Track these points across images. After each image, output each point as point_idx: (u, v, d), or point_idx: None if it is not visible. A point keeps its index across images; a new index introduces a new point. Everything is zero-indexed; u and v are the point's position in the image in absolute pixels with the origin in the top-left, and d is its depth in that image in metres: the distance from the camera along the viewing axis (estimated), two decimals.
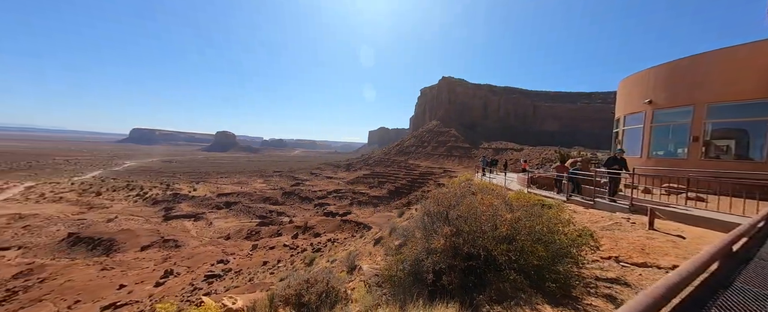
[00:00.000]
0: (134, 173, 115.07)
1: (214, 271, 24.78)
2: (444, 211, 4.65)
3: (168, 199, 69.60)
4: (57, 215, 52.54)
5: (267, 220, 55.61)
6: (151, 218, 55.40)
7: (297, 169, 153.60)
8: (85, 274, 27.62)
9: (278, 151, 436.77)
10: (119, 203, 66.19)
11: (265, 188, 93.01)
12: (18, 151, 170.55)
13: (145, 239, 39.30)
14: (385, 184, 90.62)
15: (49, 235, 42.04)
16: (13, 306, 22.20)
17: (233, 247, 37.41)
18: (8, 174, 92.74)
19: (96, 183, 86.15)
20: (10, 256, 34.45)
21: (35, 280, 26.47)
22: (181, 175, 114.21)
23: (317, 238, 37.46)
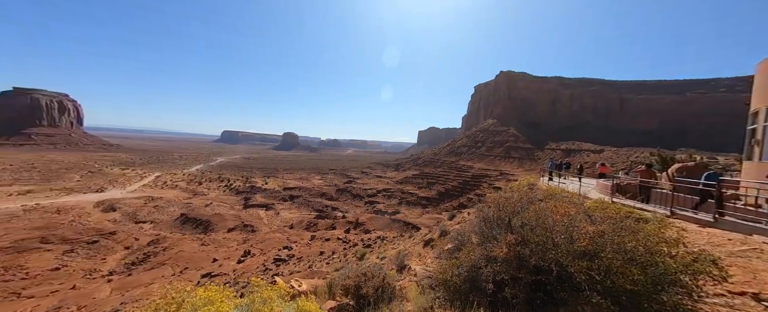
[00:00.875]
0: (223, 168, 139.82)
1: (281, 255, 28.24)
2: (506, 218, 4.26)
3: (247, 190, 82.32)
4: (174, 199, 67.71)
5: (323, 214, 60.51)
6: (235, 206, 66.39)
7: (349, 167, 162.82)
8: (191, 247, 34.89)
9: (333, 151, 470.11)
10: (213, 192, 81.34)
11: (321, 184, 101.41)
12: (150, 149, 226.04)
13: (231, 223, 47.36)
14: (435, 186, 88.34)
15: (169, 214, 54.48)
16: (148, 265, 29.60)
17: (295, 235, 41.94)
18: (145, 166, 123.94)
19: (198, 175, 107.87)
20: (146, 228, 46.00)
21: (160, 248, 34.70)
22: (256, 170, 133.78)
23: (367, 234, 38.98)
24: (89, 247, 34.51)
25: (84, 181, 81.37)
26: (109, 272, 29.11)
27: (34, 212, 47.62)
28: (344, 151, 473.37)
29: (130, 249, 35.76)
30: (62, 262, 30.01)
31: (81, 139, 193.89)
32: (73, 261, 30.84)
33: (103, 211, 53.67)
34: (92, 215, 50.63)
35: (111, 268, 30.45)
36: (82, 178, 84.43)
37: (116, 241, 37.47)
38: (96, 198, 62.24)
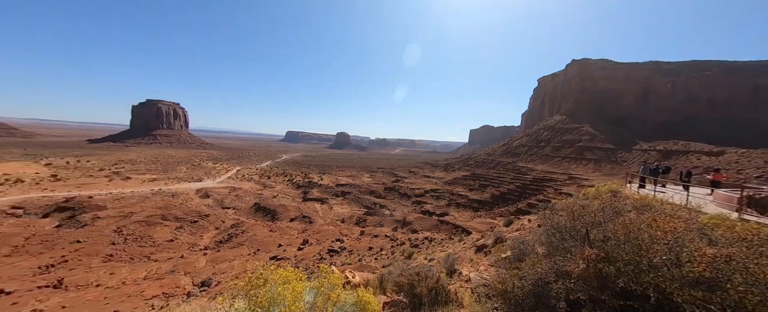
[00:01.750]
0: (287, 164, 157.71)
1: (334, 247, 30.39)
2: (582, 228, 3.69)
3: (305, 185, 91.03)
4: (249, 190, 79.50)
5: (372, 211, 62.64)
6: (296, 198, 74.17)
7: (397, 166, 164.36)
8: (262, 232, 40.45)
9: (381, 150, 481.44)
10: (279, 185, 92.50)
11: (370, 182, 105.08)
12: (232, 147, 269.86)
13: (292, 213, 53.13)
14: (488, 188, 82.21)
15: (246, 203, 64.21)
16: (231, 244, 35.51)
17: (346, 230, 44.51)
18: (229, 161, 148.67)
19: (267, 170, 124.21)
20: (230, 213, 55.14)
21: (240, 230, 41.19)
22: (313, 167, 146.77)
23: (414, 234, 38.77)
24: (192, 225, 43.28)
25: (189, 172, 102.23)
26: (204, 247, 35.97)
27: (157, 195, 62.07)
28: (392, 150, 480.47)
29: (218, 229, 43.50)
30: (175, 236, 38.38)
31: (187, 139, 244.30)
32: (181, 235, 39.15)
33: (201, 197, 66.47)
34: (193, 200, 63.26)
35: (206, 243, 37.58)
36: (188, 170, 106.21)
37: (209, 222, 46.04)
38: (196, 186, 77.50)
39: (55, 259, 27.71)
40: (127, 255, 30.62)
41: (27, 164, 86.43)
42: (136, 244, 34.03)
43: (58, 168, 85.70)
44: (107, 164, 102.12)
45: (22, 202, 47.83)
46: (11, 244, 30.10)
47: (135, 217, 42.36)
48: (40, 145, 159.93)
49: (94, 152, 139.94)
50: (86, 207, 45.08)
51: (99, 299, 19.35)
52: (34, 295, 20.08)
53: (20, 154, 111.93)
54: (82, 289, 21.54)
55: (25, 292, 20.51)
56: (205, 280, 22.16)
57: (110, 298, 19.54)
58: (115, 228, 37.46)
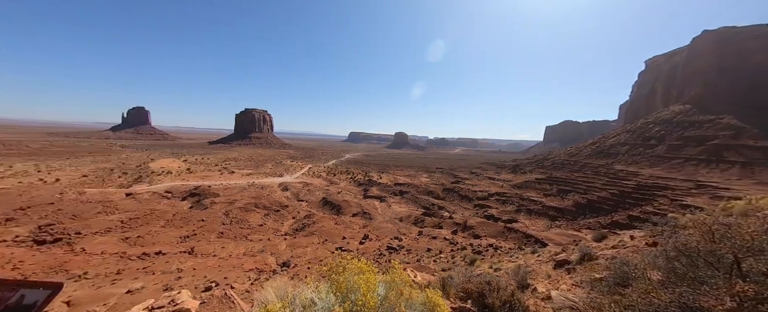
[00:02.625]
0: (349, 163, 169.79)
1: (393, 245, 31.14)
2: (728, 255, 2.74)
3: (366, 183, 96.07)
4: (318, 185, 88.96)
5: (430, 212, 61.48)
6: (357, 195, 79.08)
7: (457, 167, 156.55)
8: (329, 224, 44.73)
9: (440, 149, 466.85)
10: (343, 182, 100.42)
11: (428, 182, 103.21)
12: (305, 147, 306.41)
13: (354, 209, 56.84)
14: (570, 194, 70.00)
15: (315, 197, 72.09)
16: (305, 233, 40.45)
17: (405, 229, 44.95)
18: (303, 160, 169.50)
19: (332, 168, 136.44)
20: (303, 205, 62.84)
21: (311, 221, 46.55)
22: (373, 166, 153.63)
23: (477, 239, 36.18)
24: (276, 213, 51.18)
25: (273, 168, 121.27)
26: (285, 233, 42.05)
27: (251, 187, 75.77)
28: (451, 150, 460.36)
29: (295, 219, 50.17)
30: (264, 221, 46.12)
31: (272, 141, 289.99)
32: (268, 221, 46.75)
33: (282, 190, 77.98)
34: (276, 192, 74.77)
35: (285, 230, 43.87)
36: (272, 167, 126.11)
37: (288, 212, 53.55)
38: (278, 181, 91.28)
39: (189, 231, 37.03)
40: (232, 234, 38.41)
41: (173, 160, 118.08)
42: (238, 225, 42.35)
43: (190, 163, 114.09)
44: (219, 161, 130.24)
45: (170, 188, 65.52)
46: (165, 219, 41.65)
47: (237, 204, 52.81)
48: (180, 146, 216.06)
49: (211, 151, 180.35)
50: (207, 194, 58.58)
51: (215, 266, 24.91)
52: (178, 257, 27.28)
53: (169, 153, 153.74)
54: (205, 256, 28.09)
55: (172, 254, 28.08)
56: (286, 261, 25.87)
57: (222, 266, 24.89)
58: (224, 212, 47.55)
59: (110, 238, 32.91)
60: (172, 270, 23.73)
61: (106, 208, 43.86)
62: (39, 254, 26.77)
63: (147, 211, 44.13)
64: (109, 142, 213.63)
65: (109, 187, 62.84)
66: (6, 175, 63.71)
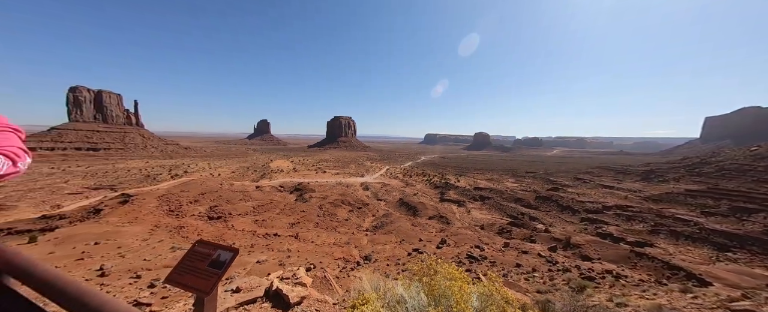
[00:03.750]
0: (425, 165, 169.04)
1: (473, 253, 28.97)
2: None
3: (442, 186, 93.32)
4: (395, 186, 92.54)
5: (518, 222, 53.90)
6: (433, 198, 77.78)
7: (555, 171, 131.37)
8: (406, 225, 45.81)
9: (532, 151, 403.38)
10: (418, 184, 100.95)
11: (516, 188, 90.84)
12: (383, 149, 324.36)
13: (431, 212, 56.13)
14: (755, 215, 47.31)
15: (393, 197, 75.20)
16: (383, 231, 42.88)
17: (486, 238, 41.05)
18: (381, 161, 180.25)
19: (409, 170, 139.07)
20: (382, 205, 66.66)
21: (389, 220, 48.87)
22: (450, 169, 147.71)
23: (587, 262, 29.14)
24: (358, 210, 56.40)
25: (356, 169, 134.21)
26: (366, 229, 45.77)
27: (339, 185, 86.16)
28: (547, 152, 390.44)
29: (374, 217, 53.87)
30: (349, 217, 51.61)
31: (355, 144, 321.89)
32: (352, 217, 52.02)
33: (363, 189, 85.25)
34: (359, 191, 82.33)
35: (366, 226, 47.69)
36: (355, 168, 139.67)
37: (368, 210, 58.04)
38: (360, 180, 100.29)
39: (294, 219, 45.43)
40: (324, 225, 44.74)
41: (284, 161, 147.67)
42: (329, 218, 48.96)
43: (295, 163, 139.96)
44: (315, 162, 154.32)
45: (283, 183, 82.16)
46: (279, 207, 52.48)
47: (328, 199, 61.14)
48: (289, 149, 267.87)
49: (310, 154, 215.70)
50: (306, 189, 70.39)
51: (312, 251, 29.62)
52: (287, 240, 33.88)
53: (282, 155, 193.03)
54: (306, 242, 33.80)
55: (284, 237, 35.08)
56: (368, 256, 28.11)
57: (317, 252, 29.36)
58: (319, 205, 55.91)
59: (247, 219, 44.17)
60: (284, 249, 29.73)
61: (245, 197, 59.07)
62: (210, 226, 38.70)
63: (268, 200, 56.87)
64: (246, 147, 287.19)
65: (246, 180, 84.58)
66: (193, 170, 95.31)
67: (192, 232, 35.28)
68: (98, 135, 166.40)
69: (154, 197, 51.52)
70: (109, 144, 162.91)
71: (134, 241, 27.11)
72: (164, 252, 23.21)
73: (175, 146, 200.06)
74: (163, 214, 43.23)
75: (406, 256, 30.73)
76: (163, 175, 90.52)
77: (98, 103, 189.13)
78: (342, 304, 4.20)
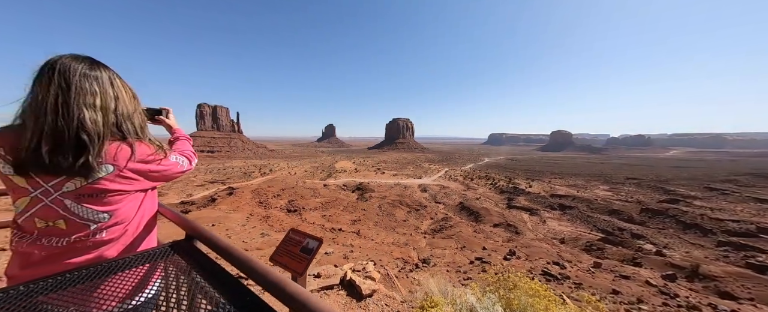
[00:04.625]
0: (489, 167, 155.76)
1: (550, 270, 25.01)
2: None
3: (510, 191, 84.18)
4: (455, 189, 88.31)
5: (614, 239, 43.93)
6: (499, 203, 70.91)
7: (672, 178, 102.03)
8: (467, 230, 43.15)
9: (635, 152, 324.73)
10: (481, 188, 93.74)
11: (610, 197, 74.45)
12: (442, 150, 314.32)
13: (496, 219, 51.34)
14: None
15: (452, 201, 71.95)
16: (442, 235, 41.48)
17: (569, 254, 34.91)
18: (440, 163, 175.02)
19: (470, 172, 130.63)
20: (440, 208, 64.63)
21: (448, 224, 46.94)
22: (519, 172, 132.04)
23: (728, 301, 21.44)
24: (416, 212, 56.19)
25: (413, 171, 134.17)
26: (424, 231, 45.17)
27: (397, 186, 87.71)
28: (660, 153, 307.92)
29: (433, 220, 52.65)
30: (407, 218, 51.96)
31: (413, 145, 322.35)
32: (410, 218, 52.16)
33: (421, 191, 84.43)
34: (416, 193, 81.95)
35: (424, 229, 47.02)
36: (413, 169, 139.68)
37: (427, 212, 57.13)
38: (418, 182, 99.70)
39: (356, 217, 48.47)
40: (383, 224, 46.23)
41: (347, 162, 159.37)
42: (387, 218, 50.36)
43: (357, 164, 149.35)
44: (375, 163, 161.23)
45: (346, 182, 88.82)
46: (343, 205, 56.91)
47: (387, 199, 62.96)
48: (351, 151, 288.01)
49: (370, 155, 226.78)
50: (367, 189, 74.20)
51: (372, 248, 30.98)
52: (350, 236, 36.40)
53: (345, 156, 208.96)
54: (366, 239, 35.62)
55: (347, 232, 37.80)
56: (426, 259, 27.65)
57: (377, 250, 30.55)
58: (378, 205, 58.17)
59: (316, 213, 49.51)
60: (347, 244, 32.08)
61: (315, 193, 66.40)
62: (288, 218, 44.95)
63: (333, 198, 62.42)
64: (315, 149, 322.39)
65: (315, 179, 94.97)
66: (276, 169, 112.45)
67: (276, 222, 41.69)
68: (214, 140, 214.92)
69: (249, 191, 63.08)
70: (221, 147, 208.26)
71: (236, 225, 33.74)
72: (256, 237, 28.13)
73: (263, 149, 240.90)
74: (255, 205, 52.44)
75: (468, 264, 28.91)
76: (255, 172, 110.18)
77: (214, 115, 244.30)
78: (409, 302, 4.27)
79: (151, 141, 1.19)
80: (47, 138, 0.92)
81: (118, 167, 1.05)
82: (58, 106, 0.93)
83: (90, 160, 0.96)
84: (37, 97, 0.94)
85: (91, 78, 1.00)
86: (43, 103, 0.93)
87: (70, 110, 0.94)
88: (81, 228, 1.03)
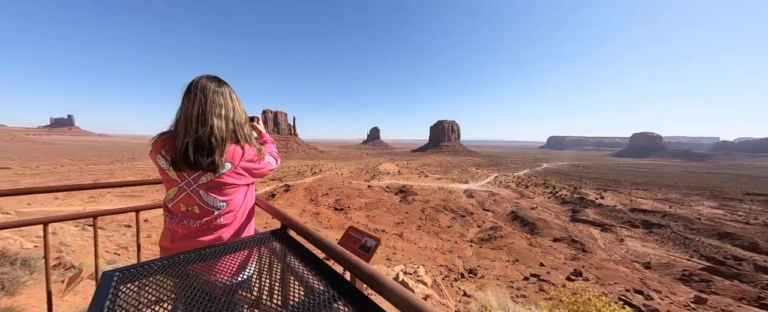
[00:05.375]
0: (548, 174, 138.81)
1: (631, 299, 20.84)
2: None
3: (574, 202, 73.43)
4: (506, 196, 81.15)
5: (727, 270, 34.31)
6: (560, 215, 62.47)
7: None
8: (520, 243, 39.13)
9: (759, 160, 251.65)
10: (538, 197, 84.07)
11: (719, 216, 58.71)
12: (491, 154, 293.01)
13: (556, 232, 45.30)
14: None
15: (503, 209, 66.23)
16: (491, 245, 38.53)
17: (657, 282, 28.62)
18: (488, 168, 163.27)
19: (524, 179, 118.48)
20: (489, 216, 60.15)
21: (498, 234, 43.31)
22: (587, 180, 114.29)
23: None
24: (461, 219, 53.41)
25: (459, 175, 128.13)
26: (470, 239, 42.59)
27: (441, 190, 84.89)
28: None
29: (480, 228, 49.29)
30: (451, 224, 49.80)
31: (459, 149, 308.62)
32: (455, 225, 49.83)
33: (467, 196, 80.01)
34: (462, 198, 77.95)
35: (471, 237, 44.31)
36: (458, 173, 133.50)
37: (473, 219, 53.79)
38: (463, 187, 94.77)
39: (399, 219, 48.50)
40: (427, 229, 45.20)
41: (390, 164, 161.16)
42: (431, 223, 49.07)
43: (400, 167, 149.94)
44: (418, 166, 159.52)
45: (389, 184, 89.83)
46: (386, 206, 57.62)
47: (430, 203, 61.46)
48: (394, 154, 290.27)
49: (413, 158, 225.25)
50: (410, 192, 73.72)
51: (415, 252, 30.53)
52: (393, 237, 36.54)
53: (389, 159, 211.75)
54: (409, 242, 35.30)
55: (390, 234, 38.09)
56: (472, 269, 26.01)
57: (420, 254, 29.98)
58: (421, 208, 57.19)
59: (361, 213, 51.22)
60: (390, 246, 32.30)
61: (359, 194, 68.89)
62: (335, 216, 47.56)
63: (377, 199, 63.73)
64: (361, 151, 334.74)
65: (360, 180, 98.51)
66: (325, 170, 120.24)
67: (324, 218, 44.53)
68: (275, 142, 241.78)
69: (302, 188, 68.88)
70: (279, 149, 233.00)
71: None
72: None
73: (314, 150, 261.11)
74: (307, 202, 56.93)
75: (521, 279, 26.18)
76: (307, 172, 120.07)
77: (275, 120, 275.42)
78: None
79: (254, 144, 1.42)
80: (192, 141, 1.20)
81: (234, 165, 1.29)
82: (199, 116, 1.21)
83: (217, 159, 1.23)
84: (186, 109, 1.22)
85: (218, 93, 1.27)
86: (189, 114, 1.21)
87: (206, 119, 1.22)
88: (208, 213, 1.28)
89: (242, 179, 1.35)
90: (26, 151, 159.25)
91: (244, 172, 1.35)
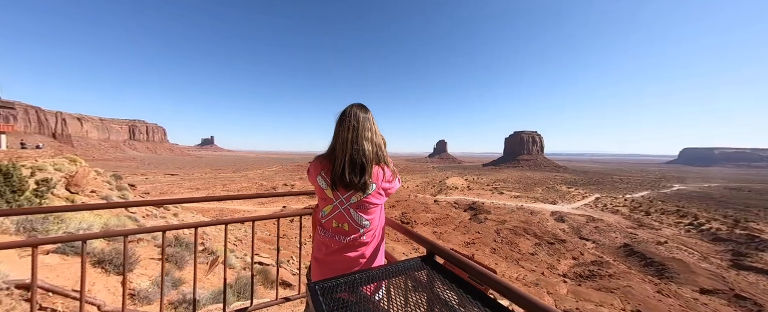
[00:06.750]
0: (685, 198, 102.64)
1: None
2: None
3: (737, 240, 51.42)
4: (615, 224, 63.83)
5: None
6: (711, 257, 44.57)
7: None
8: (641, 287, 29.58)
9: None
10: (668, 228, 62.78)
11: None
12: (589, 170, 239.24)
13: (705, 281, 32.35)
14: None
15: (610, 239, 52.18)
16: (595, 284, 30.61)
17: None
18: (585, 186, 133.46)
19: (645, 202, 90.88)
20: (589, 246, 48.42)
21: (605, 272, 34.10)
22: (757, 210, 78.81)
23: None
24: (549, 246, 44.81)
25: (544, 193, 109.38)
26: (563, 274, 35.01)
27: (520, 210, 74.04)
28: None
29: (576, 261, 40.03)
30: (535, 251, 42.36)
31: (542, 162, 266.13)
32: (540, 252, 42.13)
33: (556, 220, 66.97)
34: (548, 221, 65.67)
35: (564, 270, 36.39)
36: (543, 191, 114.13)
37: (566, 248, 44.28)
38: (551, 208, 79.97)
39: (469, 239, 44.53)
40: (503, 253, 39.82)
41: (459, 179, 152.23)
42: (508, 247, 43.03)
43: (469, 182, 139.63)
44: (491, 181, 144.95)
45: (457, 200, 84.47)
46: (454, 223, 54.04)
47: (507, 224, 54.29)
48: (463, 167, 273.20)
49: (485, 173, 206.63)
50: (482, 210, 67.25)
51: None
52: None
53: (457, 173, 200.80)
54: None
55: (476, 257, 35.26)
56: (568, 311, 21.10)
57: None
58: (495, 229, 51.07)
59: (427, 229, 49.60)
60: None
61: (426, 208, 67.19)
62: None
63: (444, 215, 60.65)
64: (427, 165, 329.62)
65: (426, 194, 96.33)
66: None
67: (392, 232, 45.11)
68: None
69: None
70: None
71: None
72: None
73: None
74: None
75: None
76: None
77: None
78: None
79: (390, 165, 1.51)
80: (348, 163, 1.31)
81: (377, 185, 1.40)
82: (352, 141, 1.34)
83: (367, 180, 1.34)
84: (342, 134, 1.35)
85: (366, 119, 1.40)
86: (345, 138, 1.34)
87: (359, 143, 1.34)
88: (355, 230, 1.39)
89: (380, 199, 1.44)
90: (185, 163, 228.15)
91: (383, 192, 1.45)
